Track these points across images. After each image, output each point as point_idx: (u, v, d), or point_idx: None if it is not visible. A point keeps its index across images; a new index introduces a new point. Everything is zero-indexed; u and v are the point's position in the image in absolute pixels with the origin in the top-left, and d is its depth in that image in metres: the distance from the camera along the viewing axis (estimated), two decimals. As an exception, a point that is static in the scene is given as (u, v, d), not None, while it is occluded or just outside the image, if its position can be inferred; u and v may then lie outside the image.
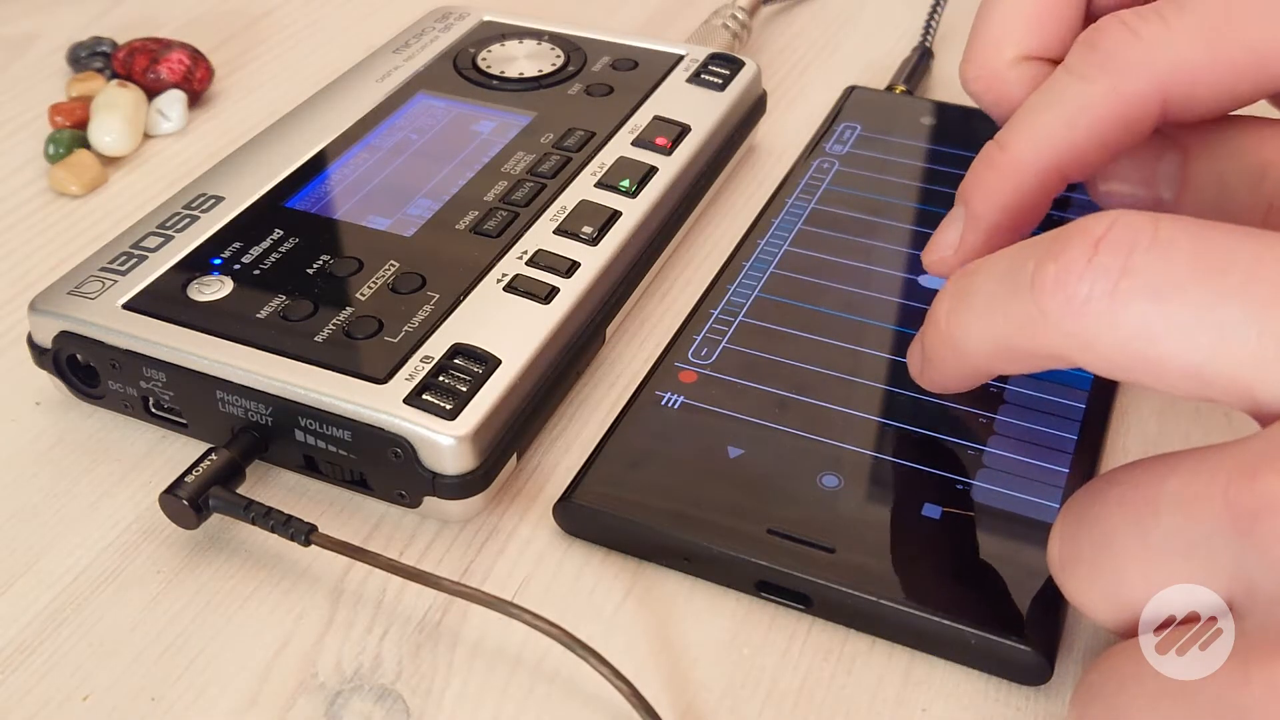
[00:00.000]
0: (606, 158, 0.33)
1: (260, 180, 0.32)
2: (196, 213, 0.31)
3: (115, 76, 0.42)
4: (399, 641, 0.24)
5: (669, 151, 0.34)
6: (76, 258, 0.34)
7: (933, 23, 0.44)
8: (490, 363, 0.26)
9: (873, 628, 0.24)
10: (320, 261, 0.29)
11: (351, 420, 0.25)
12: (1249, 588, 0.17)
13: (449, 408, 0.25)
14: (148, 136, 0.40)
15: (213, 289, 0.28)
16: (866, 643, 0.24)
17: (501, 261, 0.29)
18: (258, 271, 0.29)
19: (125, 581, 0.26)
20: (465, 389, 0.26)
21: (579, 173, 0.32)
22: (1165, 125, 0.23)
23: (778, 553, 0.24)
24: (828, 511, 0.25)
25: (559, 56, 0.38)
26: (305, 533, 0.25)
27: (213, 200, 0.31)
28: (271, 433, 0.27)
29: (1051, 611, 0.23)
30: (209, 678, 0.24)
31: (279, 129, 0.35)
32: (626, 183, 0.32)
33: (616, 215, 0.31)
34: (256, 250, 0.30)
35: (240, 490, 0.26)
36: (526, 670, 0.24)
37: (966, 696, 0.23)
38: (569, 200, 0.31)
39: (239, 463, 0.26)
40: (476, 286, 0.29)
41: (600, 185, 0.32)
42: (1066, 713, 0.23)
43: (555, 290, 0.29)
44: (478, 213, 0.31)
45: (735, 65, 0.37)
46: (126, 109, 0.39)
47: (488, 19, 0.40)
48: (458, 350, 0.27)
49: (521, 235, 0.30)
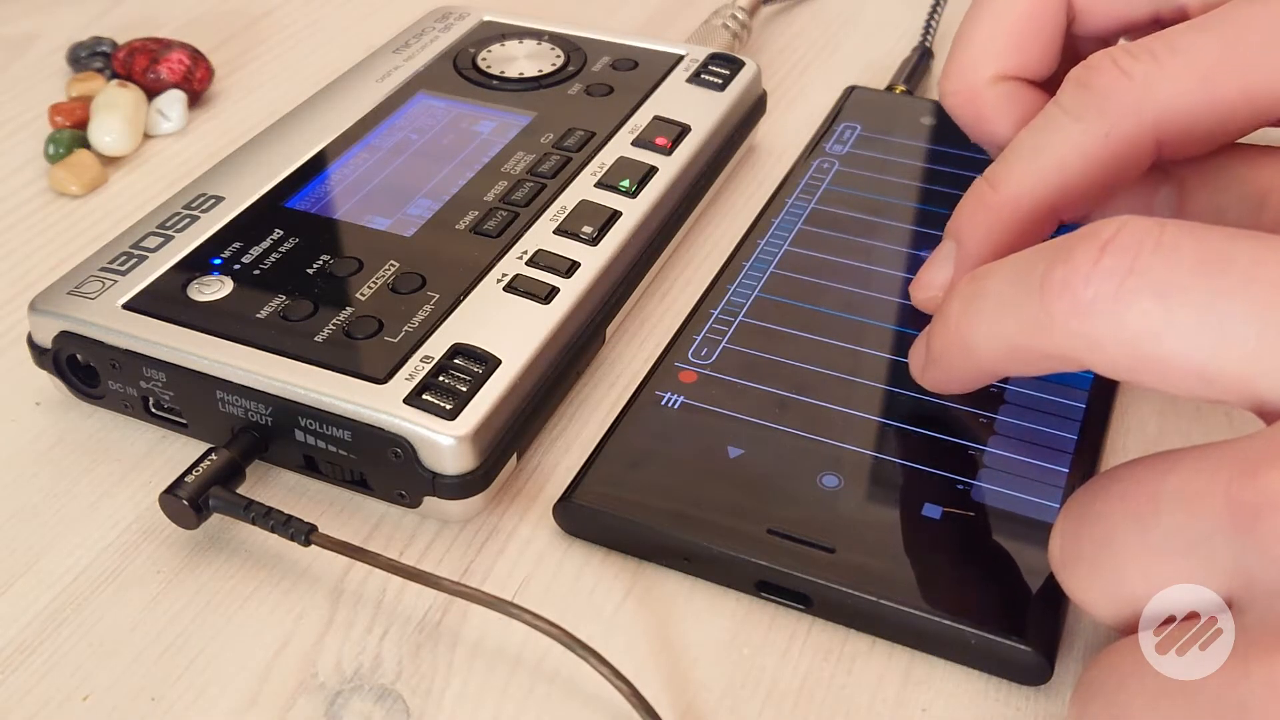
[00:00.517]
0: (606, 158, 0.33)
1: (260, 180, 0.32)
2: (196, 213, 0.31)
3: (115, 76, 0.42)
4: (399, 641, 0.24)
5: (669, 151, 0.34)
6: (76, 258, 0.34)
7: (933, 23, 0.44)
8: (490, 363, 0.26)
9: (873, 628, 0.24)
10: (320, 261, 0.29)
11: (351, 420, 0.25)
12: (1249, 584, 0.17)
13: (449, 408, 0.25)
14: (148, 136, 0.40)
15: (213, 289, 0.28)
16: (866, 643, 0.24)
17: (501, 261, 0.29)
18: (258, 271, 0.29)
19: (125, 581, 0.26)
20: (465, 389, 0.26)
21: (579, 173, 0.32)
22: (1160, 160, 0.23)
23: (778, 553, 0.24)
24: (828, 511, 0.25)
25: (559, 56, 0.38)
26: (305, 533, 0.25)
27: (213, 200, 0.31)
28: (271, 433, 0.27)
29: (1052, 611, 0.23)
30: (209, 678, 0.24)
31: (279, 129, 0.35)
32: (626, 183, 0.32)
33: (616, 215, 0.31)
34: (256, 250, 0.30)
35: (240, 490, 0.26)
36: (526, 670, 0.24)
37: (966, 696, 0.23)
38: (569, 200, 0.31)
39: (239, 463, 0.26)
40: (476, 286, 0.29)
41: (600, 185, 0.32)
42: (1066, 710, 0.23)
43: (555, 290, 0.29)
44: (478, 213, 0.31)
45: (735, 65, 0.37)
46: (126, 109, 0.39)
47: (488, 19, 0.40)
48: (458, 350, 0.27)
49: (521, 235, 0.30)
